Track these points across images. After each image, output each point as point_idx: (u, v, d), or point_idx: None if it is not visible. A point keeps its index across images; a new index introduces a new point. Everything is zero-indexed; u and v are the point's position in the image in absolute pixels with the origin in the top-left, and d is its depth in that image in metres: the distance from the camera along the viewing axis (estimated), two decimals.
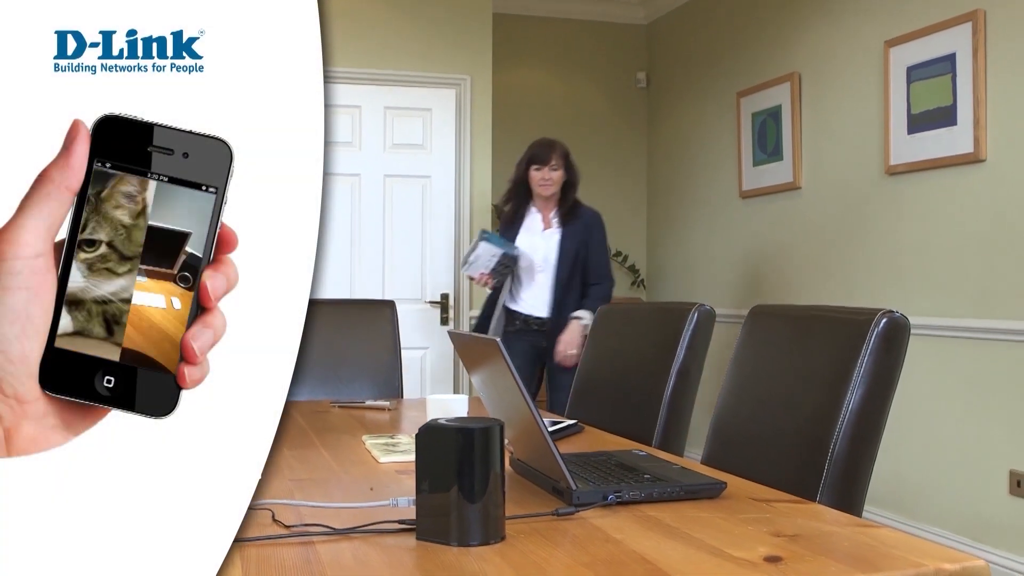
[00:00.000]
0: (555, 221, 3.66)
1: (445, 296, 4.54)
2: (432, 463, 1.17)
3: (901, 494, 3.67)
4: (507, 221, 3.76)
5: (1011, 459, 3.19)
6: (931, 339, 3.48)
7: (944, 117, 3.43)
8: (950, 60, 3.40)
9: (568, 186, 3.66)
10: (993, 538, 3.26)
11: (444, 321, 4.54)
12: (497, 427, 1.17)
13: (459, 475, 1.15)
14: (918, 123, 3.56)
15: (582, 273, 3.60)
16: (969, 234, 3.37)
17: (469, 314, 4.56)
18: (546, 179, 3.61)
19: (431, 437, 1.17)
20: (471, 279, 3.73)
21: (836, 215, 4.07)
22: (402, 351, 3.40)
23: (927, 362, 3.49)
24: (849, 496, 1.50)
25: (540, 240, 3.67)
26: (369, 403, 2.55)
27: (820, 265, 4.19)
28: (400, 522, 1.22)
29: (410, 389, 3.98)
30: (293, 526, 1.24)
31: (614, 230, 5.75)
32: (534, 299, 3.65)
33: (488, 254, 3.59)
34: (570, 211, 3.65)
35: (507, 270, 3.61)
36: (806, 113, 4.28)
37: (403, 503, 1.24)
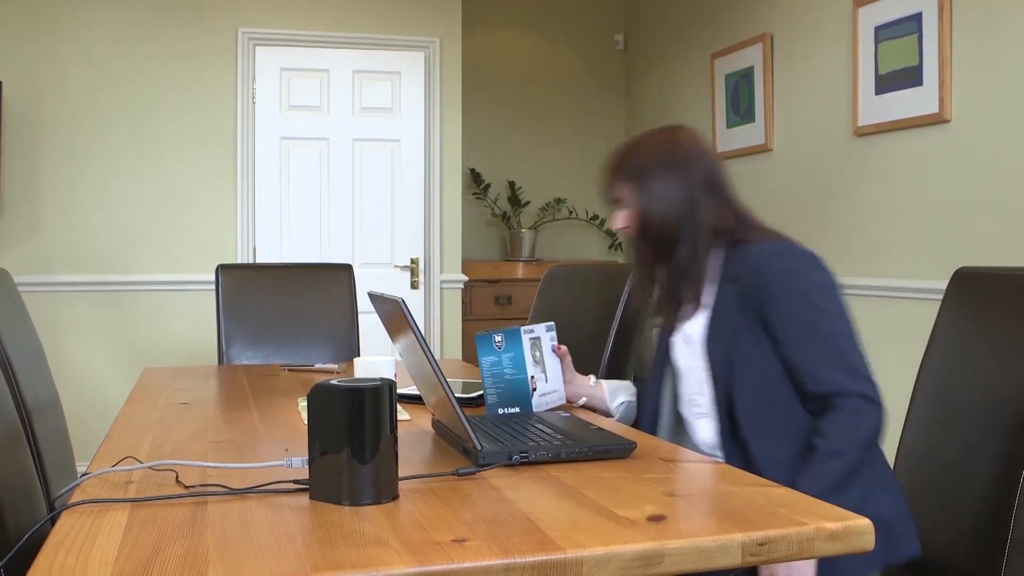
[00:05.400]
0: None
1: (415, 260, 4.52)
2: (323, 423, 1.16)
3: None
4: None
5: None
6: (897, 301, 3.48)
7: (910, 77, 3.40)
8: (916, 20, 3.36)
9: (647, 226, 1.74)
10: None
11: (414, 285, 4.53)
12: (387, 387, 1.16)
13: (349, 435, 1.14)
14: (885, 84, 3.53)
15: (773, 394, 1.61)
16: (934, 195, 3.35)
17: (440, 278, 4.55)
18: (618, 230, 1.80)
19: (322, 398, 1.16)
20: None
21: (806, 177, 4.05)
22: (370, 315, 3.40)
23: (893, 324, 3.48)
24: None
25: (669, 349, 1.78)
26: (318, 366, 2.55)
27: (790, 227, 4.15)
28: (296, 482, 1.22)
29: (378, 353, 3.97)
30: (192, 486, 1.24)
31: (592, 193, 5.72)
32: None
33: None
34: (689, 274, 1.70)
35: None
36: (778, 75, 4.24)
37: (297, 463, 1.24)
